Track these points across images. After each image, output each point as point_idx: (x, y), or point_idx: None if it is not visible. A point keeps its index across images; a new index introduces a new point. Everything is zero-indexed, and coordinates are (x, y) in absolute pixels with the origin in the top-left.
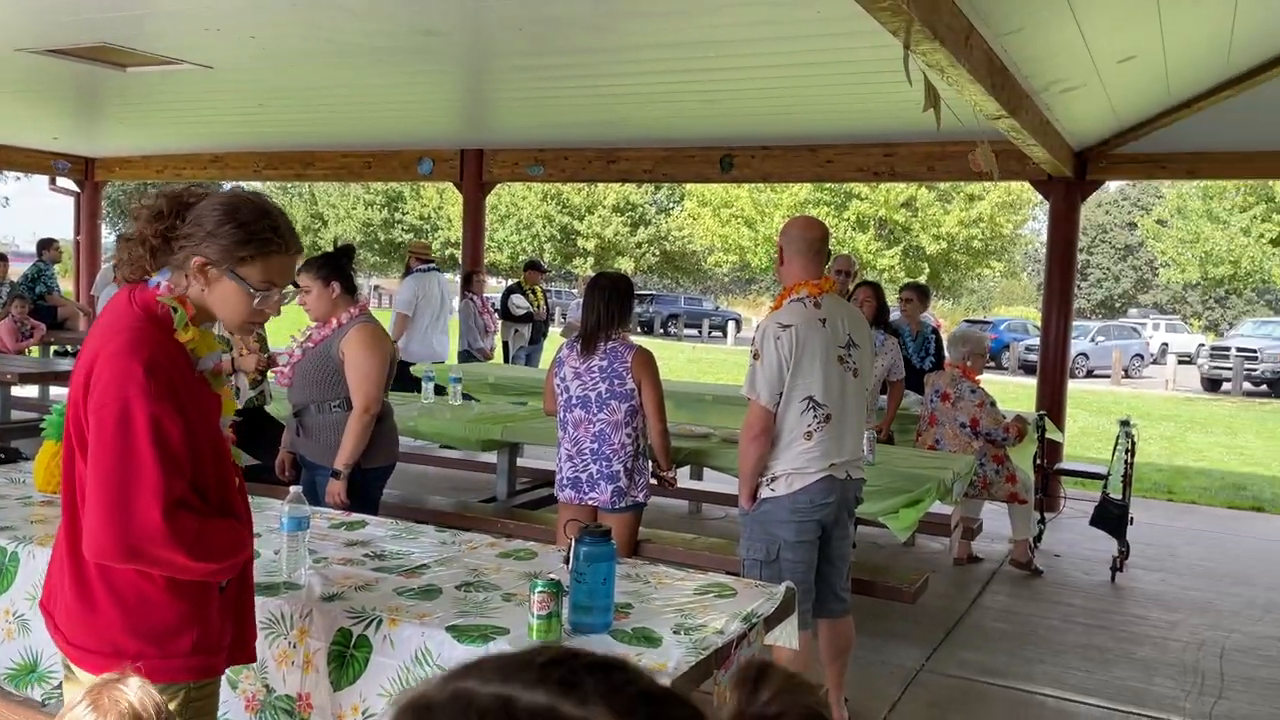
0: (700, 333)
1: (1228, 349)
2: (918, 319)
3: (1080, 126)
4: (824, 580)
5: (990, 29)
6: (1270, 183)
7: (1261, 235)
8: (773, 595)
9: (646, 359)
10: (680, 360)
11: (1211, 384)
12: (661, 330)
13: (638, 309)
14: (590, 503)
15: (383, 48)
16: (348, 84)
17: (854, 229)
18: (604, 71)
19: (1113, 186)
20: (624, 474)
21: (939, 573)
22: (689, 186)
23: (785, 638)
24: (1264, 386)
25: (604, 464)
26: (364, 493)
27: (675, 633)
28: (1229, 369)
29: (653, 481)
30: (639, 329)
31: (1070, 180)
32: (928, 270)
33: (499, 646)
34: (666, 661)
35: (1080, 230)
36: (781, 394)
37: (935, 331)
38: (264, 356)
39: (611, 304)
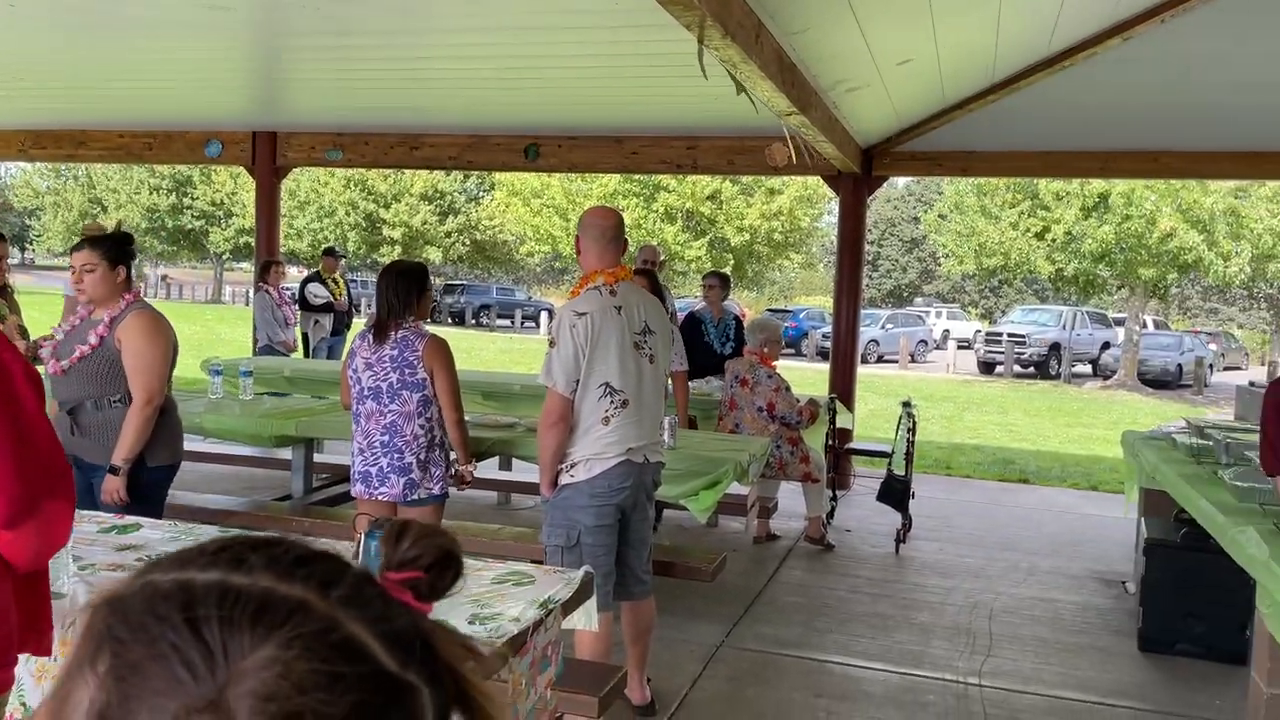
0: (513, 323)
1: (1000, 334)
2: (720, 306)
3: (865, 125)
4: (624, 563)
5: (779, 27)
6: (1035, 181)
7: (1028, 230)
8: (570, 580)
9: (438, 347)
10: (492, 351)
11: (986, 367)
12: (473, 321)
13: (448, 299)
14: (382, 497)
15: (161, 20)
16: (121, 59)
17: (663, 220)
18: (405, 55)
19: (900, 183)
20: (416, 466)
21: (740, 551)
22: (499, 175)
23: (584, 621)
24: (1031, 369)
25: (395, 456)
26: (146, 493)
27: (470, 623)
28: (1002, 353)
29: (454, 477)
30: (450, 320)
31: (858, 176)
32: (732, 261)
33: None
34: None
35: (870, 224)
36: (579, 381)
37: (737, 319)
38: (29, 344)
39: (401, 292)
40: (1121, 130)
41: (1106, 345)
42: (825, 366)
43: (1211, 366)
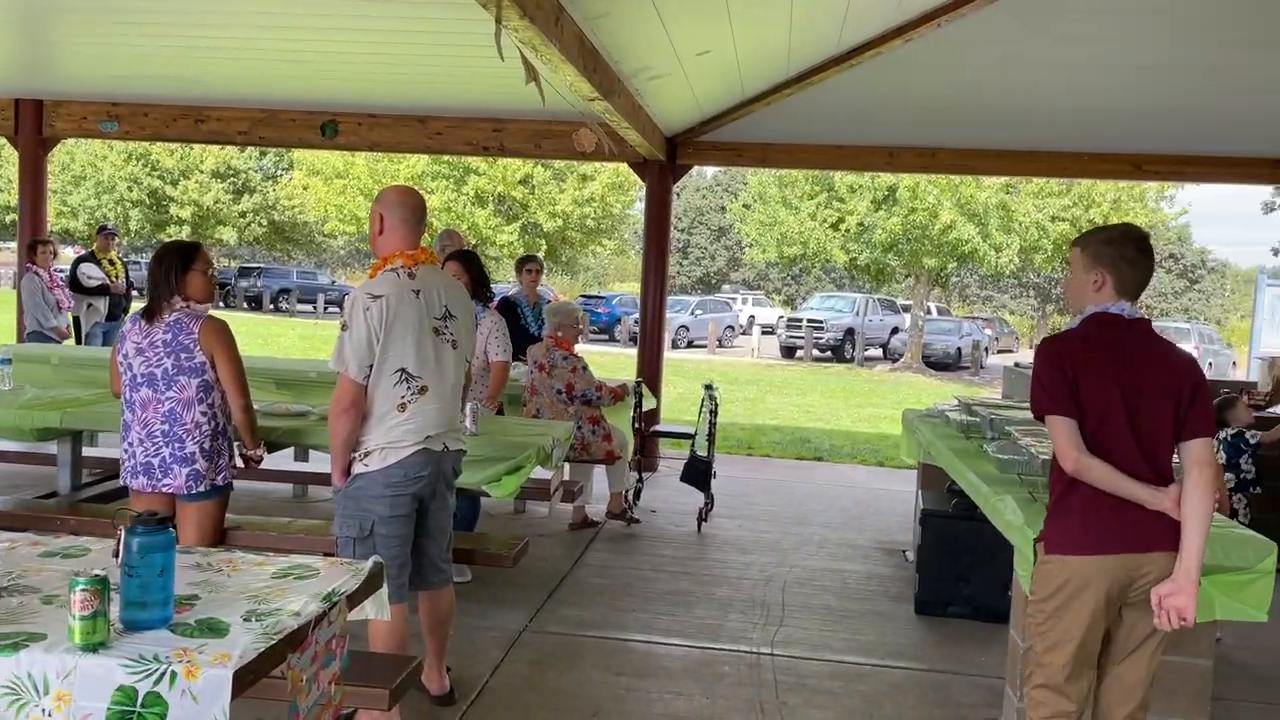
0: (315, 308)
1: (801, 320)
2: (535, 291)
3: (669, 114)
4: (423, 552)
5: (579, 12)
6: (830, 174)
7: (825, 220)
8: (358, 572)
9: (216, 329)
10: (291, 338)
11: (788, 351)
12: (272, 306)
13: (244, 283)
14: (166, 489)
15: None
16: None
17: (473, 204)
18: (188, 20)
19: (709, 173)
20: (200, 455)
21: (549, 537)
22: (297, 153)
23: (374, 612)
24: (829, 353)
25: (177, 446)
26: None
27: (246, 620)
28: (802, 338)
29: (239, 464)
30: (246, 305)
31: (663, 164)
32: (545, 246)
33: (33, 655)
34: (232, 651)
35: (680, 212)
36: (372, 366)
37: (549, 303)
38: None
39: (164, 270)
40: (904, 127)
41: (895, 330)
42: (636, 351)
43: (987, 350)
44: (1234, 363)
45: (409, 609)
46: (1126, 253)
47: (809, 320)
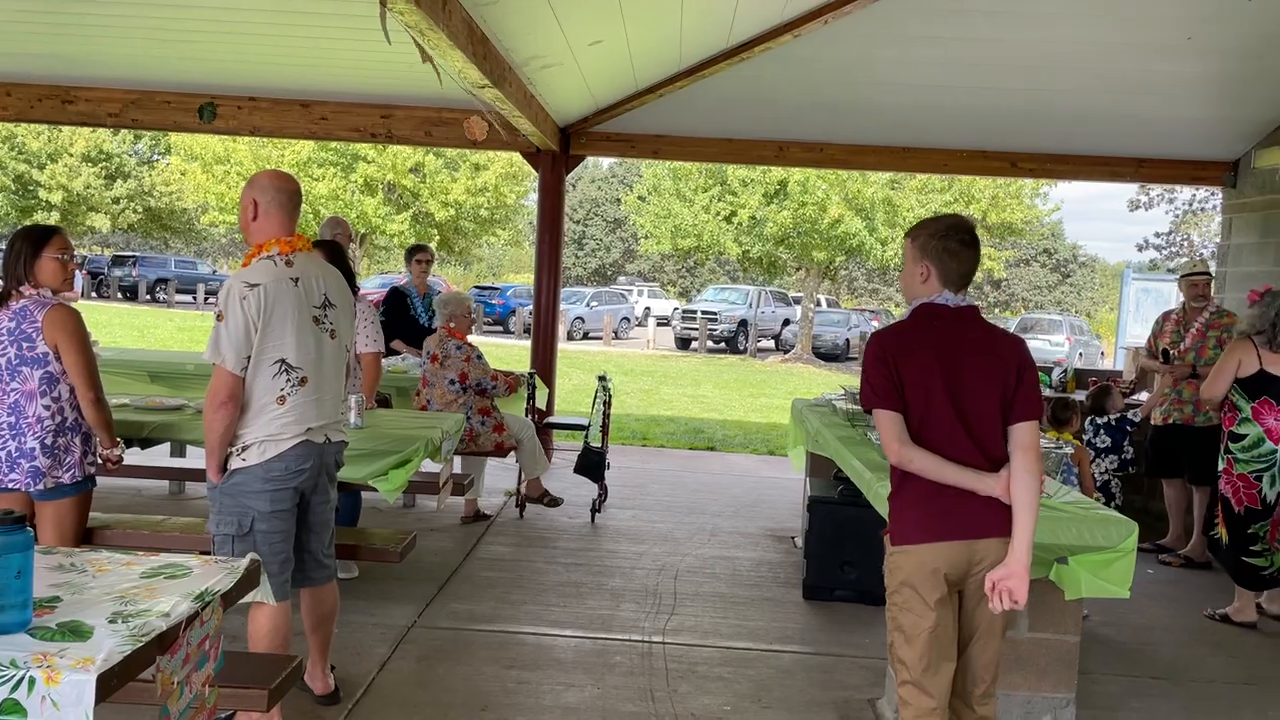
0: (195, 299)
1: (695, 312)
2: (425, 281)
3: (562, 103)
4: (305, 548)
5: None
6: (723, 167)
7: (718, 213)
8: (233, 569)
9: (60, 318)
10: (168, 329)
11: (683, 342)
12: (149, 296)
13: (118, 272)
14: (12, 485)
15: None
16: None
17: (362, 192)
18: None
19: (604, 164)
20: (41, 452)
21: (440, 530)
22: (175, 137)
23: (257, 595)
24: (723, 344)
25: (20, 441)
26: None
27: (111, 622)
28: (696, 329)
29: (99, 461)
30: (121, 295)
31: (556, 154)
32: (437, 236)
33: None
34: (95, 654)
35: (576, 204)
36: (249, 357)
37: (440, 294)
38: None
39: (22, 257)
40: (794, 122)
41: (787, 322)
42: (529, 343)
43: None
44: (1102, 353)
45: (291, 607)
46: (949, 245)
47: (703, 312)
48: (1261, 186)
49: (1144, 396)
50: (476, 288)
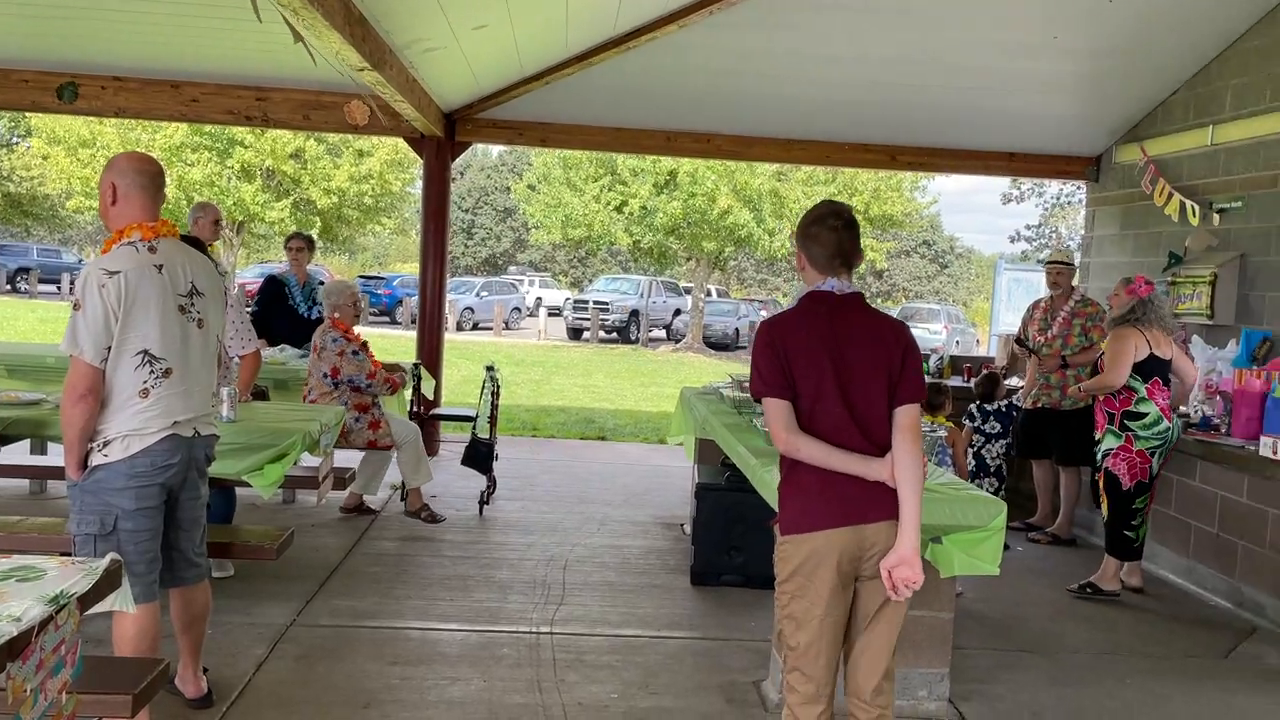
0: (59, 289)
1: (587, 302)
2: (304, 270)
3: (446, 88)
4: (174, 546)
5: None
6: (614, 157)
7: (609, 203)
8: (91, 570)
9: None
10: (30, 320)
11: (575, 333)
12: (9, 286)
13: None
14: None
15: None
16: None
17: (239, 178)
18: None
19: (494, 152)
20: None
21: (322, 526)
22: (36, 119)
23: (116, 603)
24: (615, 334)
25: None
26: None
27: None
28: (588, 319)
29: None
30: None
31: (441, 140)
32: (320, 224)
33: None
34: None
35: (465, 192)
36: (110, 348)
37: (322, 283)
38: None
39: None
40: (681, 112)
41: (678, 312)
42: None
43: None
44: (977, 340)
45: (160, 608)
46: (811, 230)
47: (595, 302)
48: (1122, 181)
49: (1015, 382)
50: (362, 277)
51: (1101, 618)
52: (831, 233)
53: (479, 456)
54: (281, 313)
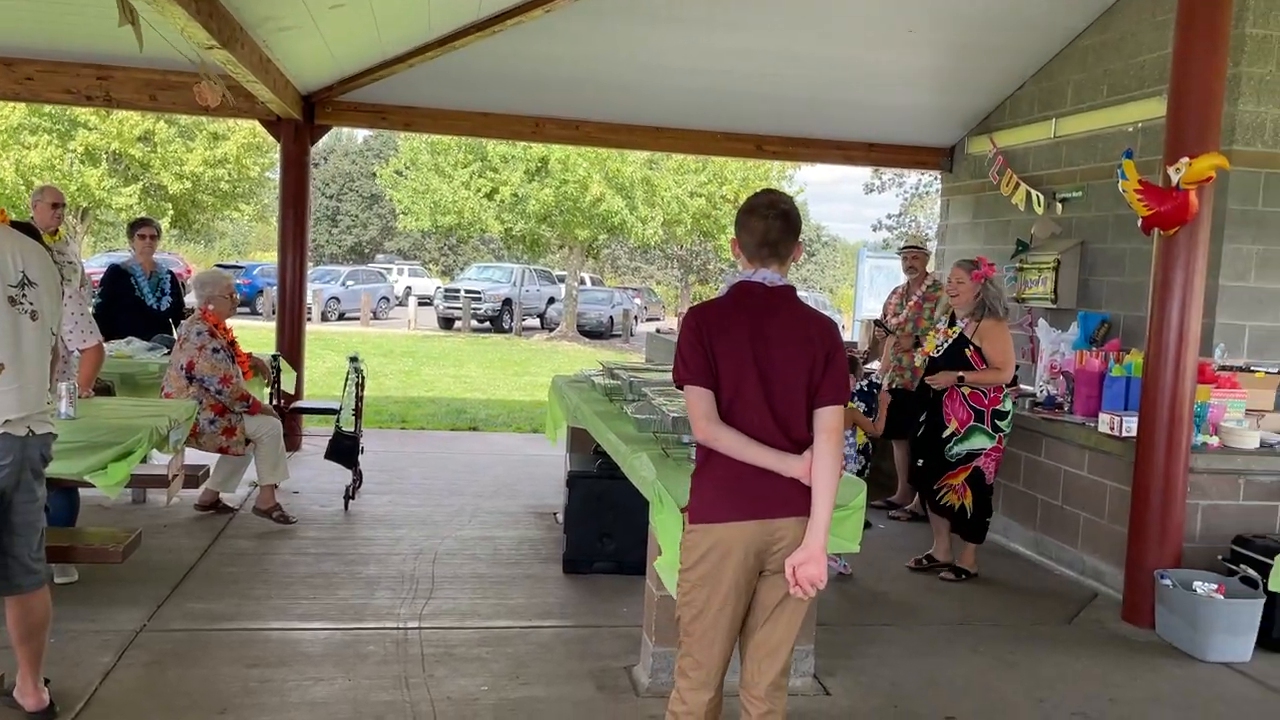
0: None
1: (458, 291)
2: (150, 259)
3: (304, 69)
4: (8, 552)
5: None
6: (483, 142)
7: (479, 190)
8: None
9: None
10: None
11: (446, 322)
12: None
13: None
14: None
15: None
16: None
17: (83, 162)
18: None
19: (359, 137)
20: None
21: (175, 526)
22: None
23: None
24: (487, 323)
25: None
26: None
27: None
28: (459, 308)
29: None
30: None
31: (300, 123)
32: (172, 211)
33: None
34: None
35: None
36: None
37: (172, 273)
38: None
39: None
40: (550, 98)
41: (552, 300)
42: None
43: (637, 318)
44: (843, 326)
45: None
46: (743, 218)
47: (466, 291)
48: (974, 171)
49: (876, 365)
50: (220, 266)
51: (957, 591)
52: (761, 221)
53: (343, 450)
54: (127, 304)
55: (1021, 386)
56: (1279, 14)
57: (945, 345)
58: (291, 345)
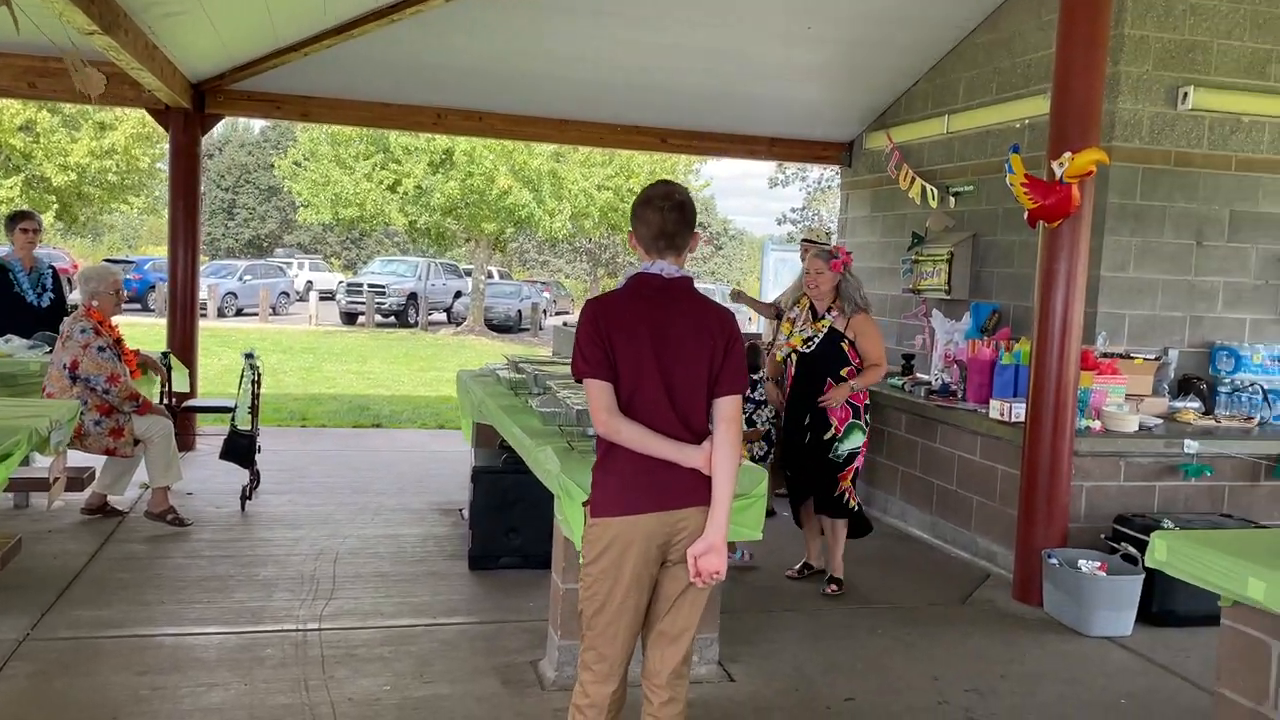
0: None
1: (361, 285)
2: (31, 254)
3: (193, 57)
4: None
5: None
6: (386, 133)
7: (381, 182)
8: None
9: None
10: None
11: (349, 317)
12: None
13: None
14: None
15: None
16: None
17: None
18: None
19: (255, 128)
20: None
21: (60, 531)
22: None
23: None
24: (392, 318)
25: None
26: None
27: None
28: (363, 303)
29: None
30: None
31: (189, 112)
32: (56, 203)
33: None
34: None
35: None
36: None
37: (54, 269)
38: None
39: None
40: (452, 88)
41: (459, 294)
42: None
43: (545, 311)
44: (750, 318)
45: None
46: (638, 209)
47: (370, 285)
48: (871, 166)
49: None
50: (109, 260)
51: (856, 575)
52: (657, 213)
53: (239, 449)
54: (6, 302)
55: (918, 375)
56: (1155, 16)
57: (816, 340)
58: (184, 342)
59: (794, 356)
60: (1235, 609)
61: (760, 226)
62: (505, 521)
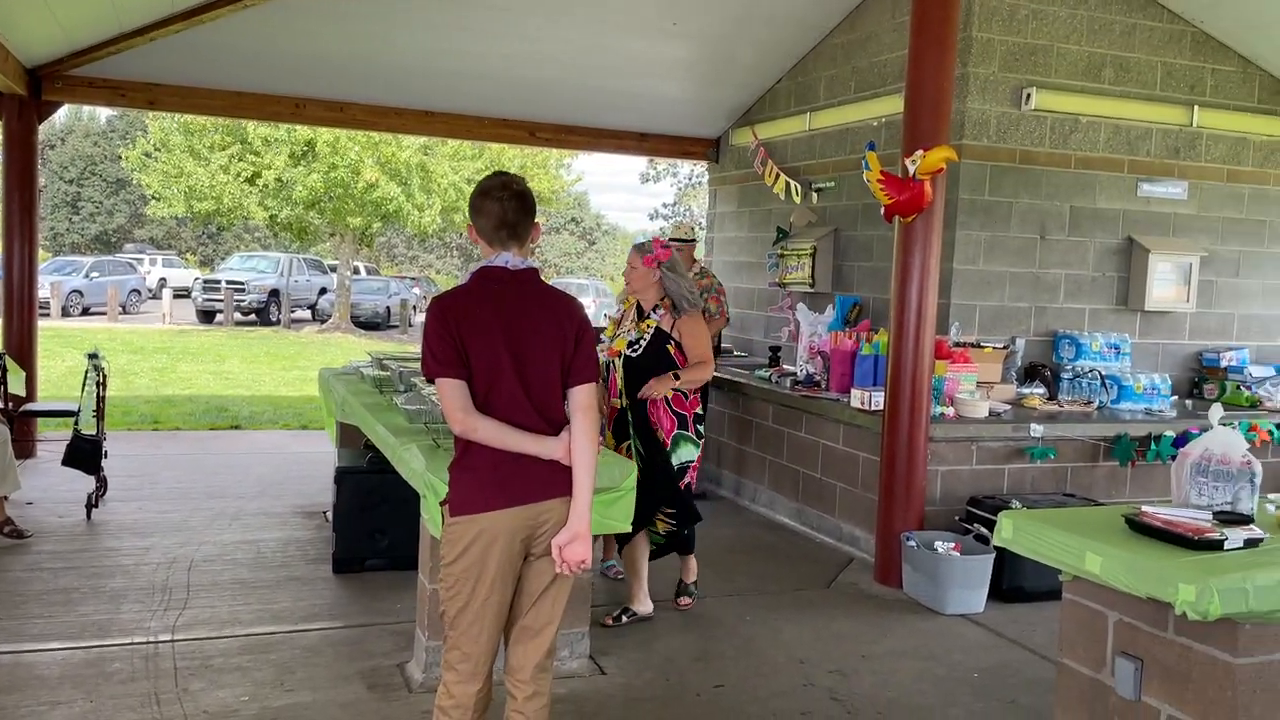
0: None
1: (219, 282)
2: None
3: (27, 41)
4: None
5: None
6: (243, 124)
7: (239, 174)
8: None
9: None
10: None
11: (206, 315)
12: None
13: None
14: None
15: None
16: None
17: None
18: None
19: (101, 117)
20: None
21: None
22: None
23: None
24: (252, 315)
25: None
26: None
27: None
28: (221, 300)
29: None
30: None
31: (24, 99)
32: None
33: None
34: None
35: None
36: None
37: None
38: None
39: None
40: (312, 78)
41: (324, 290)
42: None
43: (415, 308)
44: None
45: None
46: (477, 201)
47: (228, 282)
48: (738, 162)
49: None
50: None
51: (724, 564)
52: (496, 203)
53: (83, 455)
54: None
55: (784, 366)
56: (1000, 19)
57: (643, 342)
58: (21, 342)
59: (616, 363)
60: (1075, 583)
61: (634, 222)
62: (371, 523)
